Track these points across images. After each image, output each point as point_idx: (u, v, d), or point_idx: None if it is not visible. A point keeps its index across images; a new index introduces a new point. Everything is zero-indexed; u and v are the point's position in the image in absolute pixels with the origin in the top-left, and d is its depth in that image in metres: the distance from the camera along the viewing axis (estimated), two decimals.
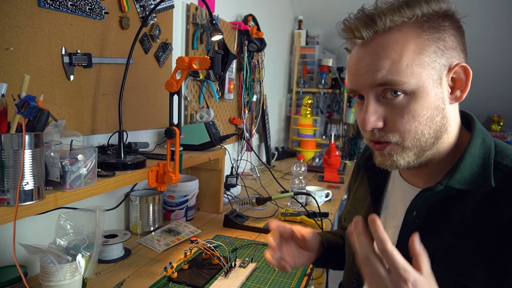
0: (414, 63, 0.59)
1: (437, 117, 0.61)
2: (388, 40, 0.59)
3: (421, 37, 0.59)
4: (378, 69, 0.60)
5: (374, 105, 0.62)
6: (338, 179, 2.22)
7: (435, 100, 0.60)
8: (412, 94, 0.59)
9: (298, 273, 1.05)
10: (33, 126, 0.71)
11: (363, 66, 0.62)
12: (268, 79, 2.71)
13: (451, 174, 0.63)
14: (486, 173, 0.61)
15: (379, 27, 0.60)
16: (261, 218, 1.47)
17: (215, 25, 1.38)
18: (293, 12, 3.45)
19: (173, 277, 0.97)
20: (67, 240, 0.85)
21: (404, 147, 0.62)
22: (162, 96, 1.44)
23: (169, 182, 1.04)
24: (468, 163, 0.62)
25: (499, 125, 3.55)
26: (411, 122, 0.60)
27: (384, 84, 0.60)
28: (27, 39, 0.91)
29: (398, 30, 0.59)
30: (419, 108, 0.60)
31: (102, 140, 1.20)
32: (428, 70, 0.59)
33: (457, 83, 0.63)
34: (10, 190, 0.68)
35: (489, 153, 0.63)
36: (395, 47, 0.59)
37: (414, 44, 0.59)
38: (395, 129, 0.61)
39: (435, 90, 0.60)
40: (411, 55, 0.59)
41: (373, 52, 0.60)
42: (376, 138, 0.63)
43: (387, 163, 0.65)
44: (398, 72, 0.58)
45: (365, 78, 0.62)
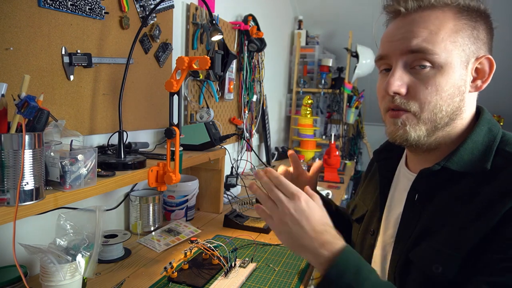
0: (449, 39, 0.62)
1: (457, 98, 0.64)
2: (429, 14, 0.63)
3: (460, 19, 0.63)
4: (415, 35, 0.63)
5: (401, 71, 0.65)
6: (338, 179, 2.22)
7: (458, 80, 0.63)
8: (440, 67, 0.62)
9: (298, 273, 1.05)
10: (33, 126, 0.71)
11: (401, 33, 0.64)
12: (268, 79, 2.71)
13: (450, 156, 0.65)
14: (485, 157, 0.63)
15: (424, 2, 0.63)
16: (261, 218, 1.46)
17: (215, 25, 1.38)
18: (293, 12, 3.45)
19: (173, 277, 0.97)
20: (67, 240, 0.85)
21: (420, 119, 0.64)
22: (162, 96, 1.44)
23: (169, 182, 1.04)
24: (468, 148, 0.65)
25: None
26: (433, 94, 0.63)
27: (417, 51, 0.62)
28: (27, 39, 0.91)
29: (440, 9, 0.63)
30: (443, 82, 0.62)
31: (102, 140, 1.20)
32: (459, 50, 0.63)
33: (480, 73, 0.66)
34: (10, 190, 0.68)
35: (494, 141, 0.65)
36: (435, 21, 0.63)
37: (453, 24, 0.63)
38: (416, 97, 0.64)
39: (461, 71, 0.63)
40: (448, 31, 0.62)
41: (413, 22, 0.64)
42: (396, 104, 0.65)
43: (399, 133, 0.66)
44: (433, 42, 0.62)
45: (399, 44, 0.64)
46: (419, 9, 0.64)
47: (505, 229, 0.55)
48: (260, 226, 1.36)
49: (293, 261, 1.12)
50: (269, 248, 1.21)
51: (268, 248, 1.21)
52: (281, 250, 1.19)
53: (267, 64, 2.55)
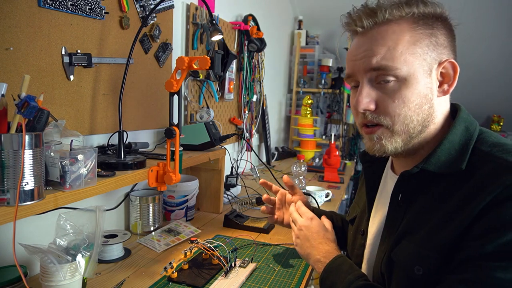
0: (408, 52, 0.64)
1: (425, 106, 0.66)
2: (386, 30, 0.65)
3: (416, 30, 0.64)
4: (374, 54, 0.65)
5: (368, 88, 0.67)
6: (338, 179, 2.22)
7: (424, 89, 0.65)
8: (404, 80, 0.64)
9: (298, 273, 1.05)
10: (33, 126, 0.71)
11: (361, 52, 0.67)
12: (268, 79, 2.71)
13: (427, 158, 0.67)
14: (460, 157, 0.64)
15: (379, 18, 0.65)
16: (261, 218, 1.46)
17: (215, 25, 1.38)
18: (293, 12, 3.45)
19: (173, 277, 0.97)
20: (67, 240, 0.85)
21: (394, 132, 0.67)
22: (162, 96, 1.44)
23: (169, 182, 1.04)
24: (445, 149, 0.66)
25: (499, 125, 3.55)
26: (401, 106, 0.65)
27: (378, 69, 0.65)
28: (27, 39, 0.91)
29: (396, 23, 0.65)
30: (409, 94, 0.64)
31: (102, 140, 1.20)
32: (419, 60, 0.64)
33: (446, 77, 0.67)
34: (10, 190, 0.68)
35: (470, 140, 0.66)
36: (392, 36, 0.64)
37: (409, 36, 0.64)
38: (386, 112, 0.66)
39: (425, 80, 0.65)
40: (406, 44, 0.64)
41: (372, 39, 0.66)
42: (368, 120, 0.68)
43: (376, 147, 0.69)
44: (392, 58, 0.64)
45: (361, 62, 0.67)
46: (375, 25, 0.66)
47: (476, 227, 0.56)
48: (260, 226, 1.36)
49: (293, 261, 1.12)
50: (269, 248, 1.21)
51: (268, 248, 1.21)
52: (281, 250, 1.19)
53: (267, 64, 2.56)
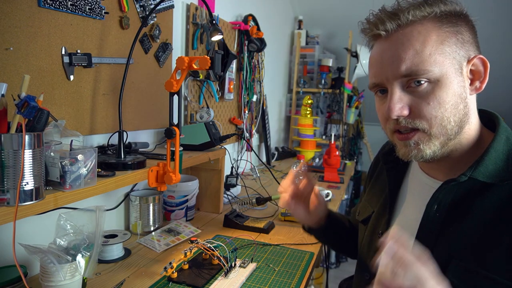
0: (437, 52, 0.61)
1: (461, 105, 0.64)
2: (411, 31, 0.63)
3: (441, 29, 0.62)
4: (402, 59, 0.62)
5: (399, 93, 0.64)
6: (338, 179, 2.22)
7: (458, 88, 0.63)
8: (437, 81, 0.62)
9: (298, 273, 1.05)
10: (33, 126, 0.71)
11: (387, 58, 0.64)
12: (268, 79, 2.71)
13: (475, 166, 0.64)
14: (509, 167, 0.63)
15: (402, 21, 0.63)
16: (261, 218, 1.46)
17: (215, 25, 1.38)
18: (293, 12, 3.45)
19: (173, 277, 0.97)
20: (67, 240, 0.85)
21: (432, 135, 0.64)
22: (162, 96, 1.44)
23: (169, 182, 1.04)
24: (492, 157, 0.64)
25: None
26: (437, 108, 0.62)
27: (409, 75, 0.62)
28: (27, 39, 0.91)
29: (420, 24, 0.63)
30: (444, 95, 0.62)
31: (102, 140, 1.20)
32: (449, 59, 0.62)
33: (476, 74, 0.65)
34: (10, 190, 0.68)
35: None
36: (418, 38, 0.62)
37: (436, 35, 0.62)
38: (421, 115, 0.63)
39: (457, 78, 0.63)
40: (434, 44, 0.62)
41: (397, 43, 0.63)
42: (403, 125, 0.65)
43: (413, 153, 0.66)
44: (422, 61, 0.61)
45: (389, 70, 0.64)
46: (399, 28, 0.63)
47: None
48: (260, 226, 1.36)
49: (293, 261, 1.12)
50: (269, 248, 1.21)
51: (268, 248, 1.21)
52: (281, 250, 1.19)
53: (267, 64, 2.55)
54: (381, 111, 0.68)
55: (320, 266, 2.44)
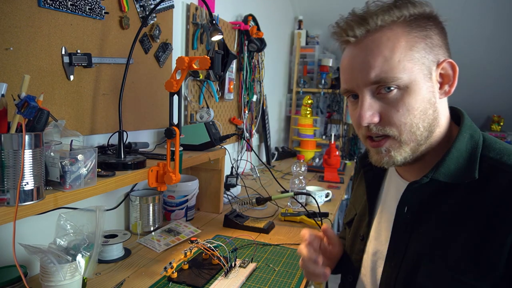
0: (406, 59, 0.61)
1: (430, 110, 0.64)
2: (380, 37, 0.62)
3: (410, 34, 0.62)
4: (371, 67, 0.62)
5: (369, 100, 0.64)
6: (338, 179, 2.22)
7: (427, 94, 0.63)
8: (406, 88, 0.62)
9: (298, 273, 1.05)
10: (33, 126, 0.71)
11: (357, 65, 0.64)
12: (268, 79, 2.71)
13: (436, 167, 0.64)
14: (471, 166, 0.63)
15: (371, 26, 0.62)
16: (261, 218, 1.46)
17: (215, 25, 1.38)
18: (293, 12, 3.45)
19: (173, 277, 0.97)
20: (67, 240, 0.85)
21: (402, 142, 0.64)
22: (162, 96, 1.44)
23: (169, 182, 1.04)
24: (454, 157, 0.64)
25: (499, 125, 3.55)
26: (406, 115, 0.62)
27: (378, 82, 0.62)
28: (27, 39, 0.91)
29: (389, 29, 0.62)
30: (412, 101, 0.62)
31: (102, 140, 1.20)
32: (418, 65, 0.62)
33: (445, 78, 0.65)
34: (10, 190, 0.68)
35: (477, 147, 0.64)
36: (387, 44, 0.61)
37: (404, 41, 0.61)
38: (391, 122, 0.63)
39: (426, 84, 0.63)
40: (403, 51, 0.61)
41: (366, 49, 0.63)
42: (373, 132, 0.65)
43: (384, 160, 0.66)
44: (391, 68, 0.61)
45: (359, 77, 0.64)
46: (368, 34, 0.63)
47: None
48: (260, 226, 1.36)
49: (293, 261, 1.12)
50: (269, 248, 1.21)
51: (268, 248, 1.21)
52: (281, 250, 1.19)
53: (267, 64, 2.55)
54: (353, 117, 0.68)
55: None
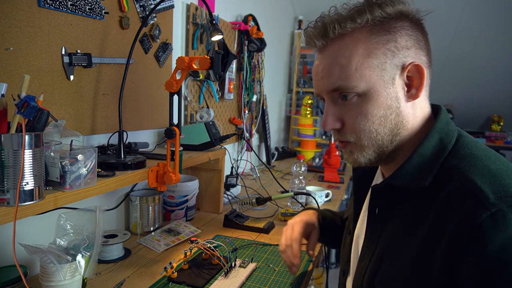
0: (363, 66, 0.61)
1: (391, 116, 0.63)
2: (339, 46, 0.63)
3: (369, 40, 0.61)
4: (329, 75, 0.63)
5: (332, 107, 0.66)
6: (338, 179, 2.22)
7: (387, 100, 0.62)
8: (364, 95, 0.62)
9: (298, 273, 1.05)
10: (33, 126, 0.71)
11: (319, 72, 0.66)
12: (268, 79, 2.71)
13: (396, 172, 0.64)
14: (427, 172, 0.61)
15: (330, 35, 0.63)
16: (261, 218, 1.46)
17: (215, 25, 1.38)
18: (293, 12, 3.45)
19: (173, 277, 0.97)
20: (67, 240, 0.85)
21: (362, 146, 0.65)
22: (162, 96, 1.44)
23: (169, 182, 1.04)
24: (414, 163, 0.63)
25: (499, 125, 3.55)
26: (364, 122, 0.63)
27: (336, 90, 0.63)
28: (27, 39, 0.91)
29: (349, 36, 0.62)
30: (370, 108, 0.62)
31: (102, 140, 1.20)
32: (377, 71, 0.61)
33: (414, 81, 0.63)
34: (10, 190, 0.68)
35: (443, 152, 0.62)
36: (344, 53, 0.62)
37: (362, 48, 0.61)
38: (351, 129, 0.65)
39: (387, 90, 0.62)
40: (360, 59, 0.61)
41: (326, 58, 0.64)
42: (337, 137, 0.68)
43: (351, 160, 0.68)
44: (347, 77, 0.61)
45: (321, 83, 0.66)
46: (329, 42, 0.64)
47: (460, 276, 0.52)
48: (260, 226, 1.36)
49: None
50: (269, 248, 1.21)
51: (268, 248, 1.21)
52: None
53: (267, 64, 2.55)
54: None
55: (320, 266, 2.44)
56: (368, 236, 0.71)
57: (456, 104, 3.36)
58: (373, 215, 0.70)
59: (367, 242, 0.71)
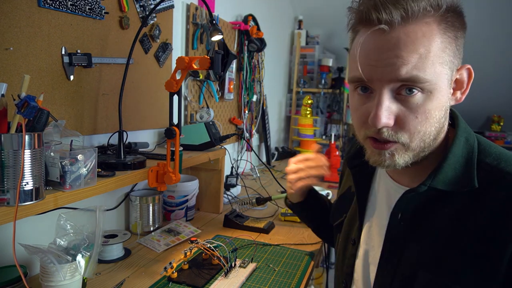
0: (438, 61, 0.55)
1: (443, 118, 0.60)
2: (415, 32, 0.54)
3: (446, 33, 0.55)
4: (404, 62, 0.54)
5: (388, 101, 0.57)
6: (338, 179, 2.22)
7: (446, 101, 0.59)
8: (429, 93, 0.56)
9: (298, 273, 1.05)
10: (33, 126, 0.71)
11: (385, 57, 0.55)
12: (268, 79, 2.71)
13: (434, 174, 0.61)
14: (469, 173, 0.60)
15: (407, 14, 0.53)
16: (261, 218, 1.46)
17: (215, 25, 1.37)
18: (293, 12, 3.45)
19: (173, 277, 0.97)
20: (67, 240, 0.85)
21: (409, 148, 0.59)
22: (162, 96, 1.44)
23: (169, 182, 1.04)
24: (451, 163, 0.61)
25: (499, 125, 3.55)
26: (423, 122, 0.57)
27: (407, 80, 0.55)
28: (27, 39, 0.91)
29: (425, 22, 0.54)
30: (433, 108, 0.57)
31: (102, 140, 1.20)
32: (446, 70, 0.56)
33: (460, 84, 0.61)
34: (10, 190, 0.68)
35: (472, 152, 0.62)
36: (422, 41, 0.54)
37: (439, 41, 0.55)
38: (405, 128, 0.57)
39: (447, 90, 0.58)
40: (437, 51, 0.55)
41: (399, 42, 0.54)
42: (383, 137, 0.58)
43: (386, 163, 0.61)
44: (424, 69, 0.54)
45: (386, 71, 0.55)
46: (402, 22, 0.54)
47: None
48: (260, 226, 1.36)
49: (293, 261, 1.12)
50: (269, 248, 1.21)
51: (268, 248, 1.21)
52: (281, 250, 1.19)
53: (267, 64, 2.55)
54: (360, 112, 0.61)
55: (320, 266, 2.44)
56: (389, 243, 0.68)
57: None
58: (396, 220, 0.66)
59: (388, 249, 0.67)
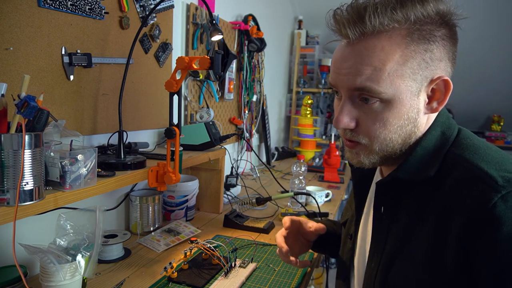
0: (395, 74, 0.57)
1: (408, 126, 0.62)
2: (374, 45, 0.57)
3: (408, 47, 0.57)
4: (358, 73, 0.58)
5: (349, 106, 0.63)
6: (338, 179, 2.22)
7: (409, 111, 0.60)
8: (387, 103, 0.59)
9: (298, 273, 1.05)
10: (33, 126, 0.71)
11: (345, 67, 0.61)
12: (268, 79, 2.71)
13: (400, 165, 0.64)
14: (431, 163, 0.62)
15: (367, 29, 0.57)
16: (261, 218, 1.46)
17: (215, 25, 1.37)
18: (293, 12, 3.45)
19: (173, 277, 0.97)
20: (67, 240, 0.85)
21: (372, 150, 0.64)
22: (162, 96, 1.44)
23: (169, 182, 1.04)
24: (418, 155, 0.63)
25: (499, 125, 3.55)
26: (381, 129, 0.61)
27: (361, 90, 0.59)
28: (27, 39, 0.91)
29: (387, 36, 0.57)
30: (391, 117, 0.60)
31: (102, 140, 1.20)
32: (407, 81, 0.58)
33: (436, 94, 0.62)
34: (10, 190, 0.68)
35: (446, 144, 0.63)
36: (379, 55, 0.57)
37: (399, 55, 0.57)
38: (365, 132, 0.62)
39: (411, 102, 0.60)
40: (394, 65, 0.57)
41: (357, 54, 0.59)
42: (347, 137, 0.65)
43: (354, 161, 0.67)
44: (378, 80, 0.57)
45: (345, 79, 0.61)
46: (363, 37, 0.57)
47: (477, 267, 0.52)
48: (260, 226, 1.36)
49: None
50: (269, 248, 1.21)
51: (268, 248, 1.21)
52: None
53: (267, 64, 2.55)
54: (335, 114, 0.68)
55: (320, 266, 2.45)
56: (375, 236, 0.70)
57: (456, 104, 3.37)
58: (379, 214, 0.69)
59: (375, 242, 0.70)
